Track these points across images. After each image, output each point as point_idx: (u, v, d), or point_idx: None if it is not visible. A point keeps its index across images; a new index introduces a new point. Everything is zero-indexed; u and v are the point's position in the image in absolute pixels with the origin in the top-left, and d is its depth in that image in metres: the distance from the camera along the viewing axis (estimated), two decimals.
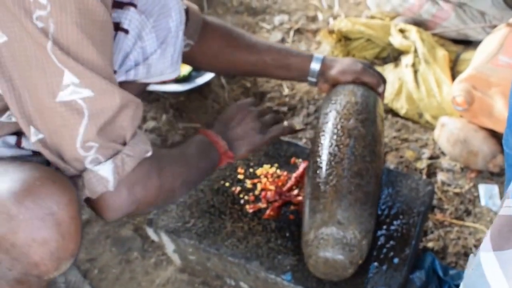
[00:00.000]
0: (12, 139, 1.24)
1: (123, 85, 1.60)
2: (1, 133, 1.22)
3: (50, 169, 1.13)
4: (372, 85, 1.67)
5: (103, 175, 1.15)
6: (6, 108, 1.17)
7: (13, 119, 1.20)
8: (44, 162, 1.19)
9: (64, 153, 1.14)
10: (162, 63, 1.59)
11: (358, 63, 1.71)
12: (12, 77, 1.10)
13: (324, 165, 1.48)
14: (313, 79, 1.71)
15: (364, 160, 1.49)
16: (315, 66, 1.69)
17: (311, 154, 1.56)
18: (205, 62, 1.71)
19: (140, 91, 1.72)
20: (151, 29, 1.54)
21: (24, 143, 1.26)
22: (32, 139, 1.14)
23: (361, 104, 1.59)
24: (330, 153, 1.50)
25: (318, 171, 1.49)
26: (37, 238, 1.08)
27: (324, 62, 1.70)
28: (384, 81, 1.71)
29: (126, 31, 1.50)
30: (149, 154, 1.21)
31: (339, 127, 1.54)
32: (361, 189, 1.44)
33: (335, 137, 1.52)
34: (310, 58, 1.71)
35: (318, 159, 1.51)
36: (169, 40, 1.58)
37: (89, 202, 1.20)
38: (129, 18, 1.49)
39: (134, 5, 1.48)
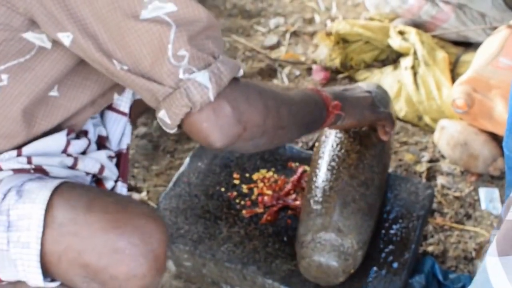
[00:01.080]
0: (69, 161, 1.28)
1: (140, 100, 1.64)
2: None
3: (149, 206, 1.19)
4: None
5: (201, 81, 1.09)
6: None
7: None
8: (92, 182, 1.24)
9: (156, 71, 1.10)
10: None
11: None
12: (84, 17, 1.09)
13: (330, 168, 1.51)
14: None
15: (372, 170, 1.53)
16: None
17: (316, 155, 1.58)
18: None
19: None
20: None
21: (79, 165, 1.30)
22: (117, 68, 1.11)
23: None
24: (338, 157, 1.53)
25: (323, 173, 1.51)
26: (138, 274, 1.14)
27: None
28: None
29: None
30: (241, 71, 1.17)
31: (351, 132, 1.57)
32: (365, 199, 1.47)
33: (345, 141, 1.55)
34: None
35: (325, 161, 1.54)
36: None
37: (192, 129, 1.14)
38: None
39: None
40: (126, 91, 1.46)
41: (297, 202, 1.67)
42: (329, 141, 1.58)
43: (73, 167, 1.29)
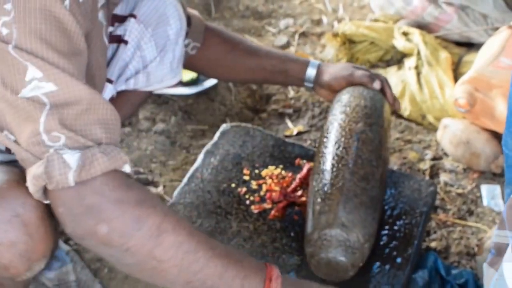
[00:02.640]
0: (2, 145, 1.22)
1: (124, 93, 1.61)
2: None
3: (18, 172, 1.10)
4: (365, 84, 1.65)
5: (66, 159, 1.01)
6: None
7: None
8: None
9: (30, 147, 1.04)
10: (161, 70, 1.58)
11: (349, 67, 1.69)
12: None
13: (330, 167, 1.47)
14: (309, 85, 1.70)
15: (371, 164, 1.48)
16: (311, 72, 1.68)
17: (317, 155, 1.55)
18: (207, 67, 1.70)
19: (143, 99, 1.72)
20: (149, 38, 1.54)
21: None
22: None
23: (370, 107, 1.58)
24: (337, 155, 1.49)
25: (324, 172, 1.48)
26: (4, 241, 1.06)
27: (319, 68, 1.69)
28: (375, 78, 1.67)
29: (126, 42, 1.51)
30: (127, 168, 1.07)
31: (347, 129, 1.53)
32: (366, 193, 1.43)
33: (342, 139, 1.51)
34: (306, 64, 1.69)
35: (325, 160, 1.50)
36: (168, 47, 1.57)
37: (52, 205, 1.07)
38: (129, 29, 1.50)
39: (134, 16, 1.48)
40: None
41: (303, 198, 1.63)
42: (328, 140, 1.54)
43: (8, 150, 1.22)
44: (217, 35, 1.69)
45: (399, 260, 1.50)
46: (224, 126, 1.84)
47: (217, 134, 1.82)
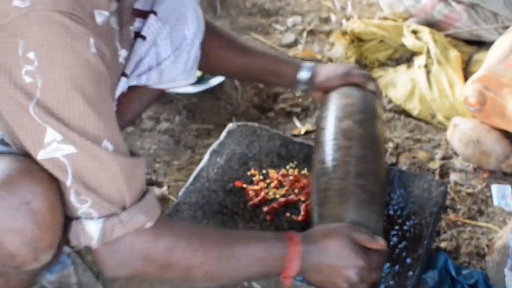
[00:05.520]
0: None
1: (136, 89, 1.62)
2: None
3: (31, 160, 1.11)
4: (359, 84, 1.66)
5: (88, 231, 1.13)
6: None
7: None
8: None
9: (62, 197, 1.13)
10: (174, 69, 1.59)
11: (342, 66, 1.72)
12: (4, 117, 1.10)
13: (325, 171, 1.48)
14: (303, 87, 1.72)
15: (365, 160, 1.49)
16: (303, 75, 1.70)
17: (312, 161, 1.56)
18: (204, 62, 1.71)
19: (155, 97, 1.73)
20: (166, 35, 1.55)
21: None
22: None
23: (358, 105, 1.59)
24: (330, 158, 1.49)
25: (320, 177, 1.48)
26: (12, 228, 1.07)
27: (313, 70, 1.70)
28: (371, 79, 1.70)
29: (144, 37, 1.52)
30: (148, 225, 1.16)
31: (337, 130, 1.54)
32: (365, 190, 1.44)
33: (334, 141, 1.52)
34: (298, 66, 1.71)
35: (320, 165, 1.50)
36: (183, 47, 1.59)
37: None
38: (148, 25, 1.51)
39: (155, 13, 1.49)
40: None
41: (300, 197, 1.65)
42: (319, 145, 1.55)
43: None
44: (214, 31, 1.71)
45: (409, 260, 1.50)
46: (230, 125, 1.85)
47: (224, 133, 1.82)
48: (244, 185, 1.67)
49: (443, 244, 1.77)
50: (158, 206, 1.20)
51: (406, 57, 2.43)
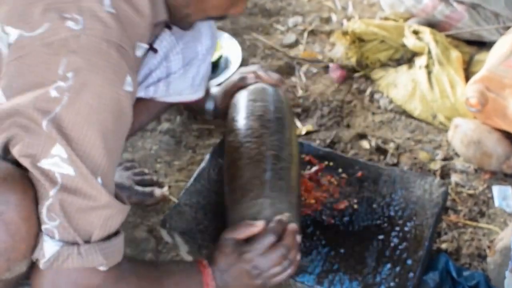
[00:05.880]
0: None
1: (143, 101, 1.62)
2: None
3: (7, 168, 1.10)
4: (243, 85, 1.72)
5: (44, 248, 1.11)
6: None
7: None
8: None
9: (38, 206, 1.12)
10: (182, 82, 1.60)
11: (234, 76, 1.77)
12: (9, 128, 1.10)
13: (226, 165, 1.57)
14: (210, 117, 1.84)
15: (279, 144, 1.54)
16: (209, 105, 1.81)
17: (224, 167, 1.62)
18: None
19: (161, 110, 1.74)
20: (179, 51, 1.56)
21: None
22: None
23: (259, 100, 1.64)
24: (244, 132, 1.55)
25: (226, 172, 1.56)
26: None
27: (214, 99, 1.79)
28: (255, 69, 1.73)
29: (155, 50, 1.52)
30: (102, 268, 1.15)
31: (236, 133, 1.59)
32: (261, 183, 1.47)
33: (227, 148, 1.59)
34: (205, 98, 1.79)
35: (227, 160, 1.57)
36: (194, 63, 1.59)
37: None
38: (161, 39, 1.51)
39: (169, 27, 1.50)
40: None
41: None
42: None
43: None
44: None
45: (409, 261, 1.51)
46: None
47: (224, 134, 1.83)
48: None
49: (444, 246, 1.77)
50: (121, 254, 1.20)
51: (407, 58, 2.42)
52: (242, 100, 1.66)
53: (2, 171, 1.09)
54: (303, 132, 2.14)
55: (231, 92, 1.73)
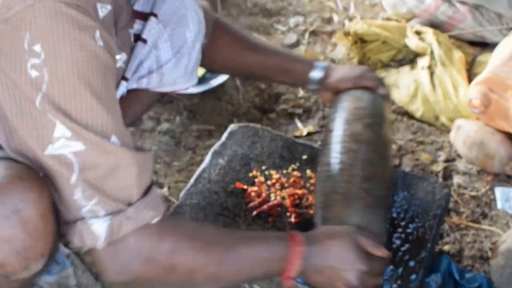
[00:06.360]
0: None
1: (136, 92, 1.62)
2: None
3: (23, 167, 1.10)
4: (371, 88, 1.67)
5: (95, 230, 1.10)
6: None
7: None
8: None
9: (62, 198, 1.11)
10: (175, 72, 1.59)
11: (356, 69, 1.71)
12: (6, 117, 1.09)
13: (331, 173, 1.49)
14: (314, 87, 1.72)
15: (372, 164, 1.49)
16: (316, 74, 1.70)
17: (319, 163, 1.56)
18: (211, 60, 1.71)
19: (155, 99, 1.73)
20: (166, 38, 1.55)
21: None
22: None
23: (368, 108, 1.60)
24: (337, 161, 1.50)
25: (326, 180, 1.49)
26: (2, 237, 1.06)
27: (325, 70, 1.70)
28: (382, 84, 1.70)
29: (145, 41, 1.52)
30: (156, 220, 1.15)
31: (346, 133, 1.54)
32: (371, 194, 1.44)
33: (342, 144, 1.53)
34: (311, 65, 1.70)
35: (326, 167, 1.51)
36: (184, 50, 1.58)
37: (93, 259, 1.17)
38: (149, 28, 1.51)
39: (155, 15, 1.49)
40: None
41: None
42: (326, 149, 1.55)
43: None
44: (223, 28, 1.71)
45: (412, 263, 1.51)
46: (232, 126, 1.85)
47: (225, 134, 1.83)
48: (245, 187, 1.67)
49: (446, 247, 1.77)
50: (163, 200, 1.20)
51: (409, 58, 2.42)
52: (360, 101, 1.63)
53: (18, 170, 1.09)
54: (304, 133, 2.14)
55: (348, 80, 1.68)
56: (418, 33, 2.39)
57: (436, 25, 2.48)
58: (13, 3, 1.04)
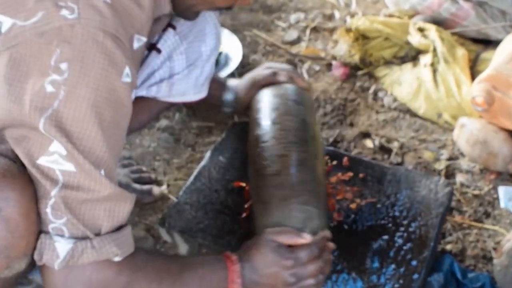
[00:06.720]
0: None
1: (145, 100, 1.62)
2: None
3: (7, 164, 1.10)
4: (273, 81, 1.71)
5: (57, 248, 1.10)
6: None
7: None
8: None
9: (39, 205, 1.11)
10: (185, 83, 1.60)
11: (251, 77, 1.76)
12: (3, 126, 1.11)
13: (252, 172, 1.55)
14: (228, 109, 1.80)
15: (286, 149, 1.52)
16: (228, 96, 1.78)
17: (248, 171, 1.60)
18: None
19: (161, 110, 1.74)
20: (182, 51, 1.56)
21: None
22: None
23: (282, 104, 1.64)
24: (263, 165, 1.52)
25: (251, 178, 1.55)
26: None
27: (234, 90, 1.77)
28: (297, 74, 1.74)
29: (159, 50, 1.52)
30: (116, 259, 1.15)
31: (265, 139, 1.57)
32: (300, 189, 1.45)
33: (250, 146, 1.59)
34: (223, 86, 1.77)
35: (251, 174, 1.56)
36: (198, 63, 1.59)
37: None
38: (165, 38, 1.51)
39: (173, 27, 1.49)
40: None
41: None
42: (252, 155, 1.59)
43: None
44: None
45: (414, 262, 1.51)
46: (232, 123, 1.85)
47: (225, 131, 1.83)
48: (243, 184, 1.67)
49: (448, 247, 1.77)
50: (133, 244, 1.20)
51: (411, 55, 2.42)
52: (274, 96, 1.66)
53: (1, 167, 1.09)
54: None
55: (260, 84, 1.72)
56: (420, 30, 2.39)
57: (439, 22, 2.48)
58: (53, 18, 1.06)
